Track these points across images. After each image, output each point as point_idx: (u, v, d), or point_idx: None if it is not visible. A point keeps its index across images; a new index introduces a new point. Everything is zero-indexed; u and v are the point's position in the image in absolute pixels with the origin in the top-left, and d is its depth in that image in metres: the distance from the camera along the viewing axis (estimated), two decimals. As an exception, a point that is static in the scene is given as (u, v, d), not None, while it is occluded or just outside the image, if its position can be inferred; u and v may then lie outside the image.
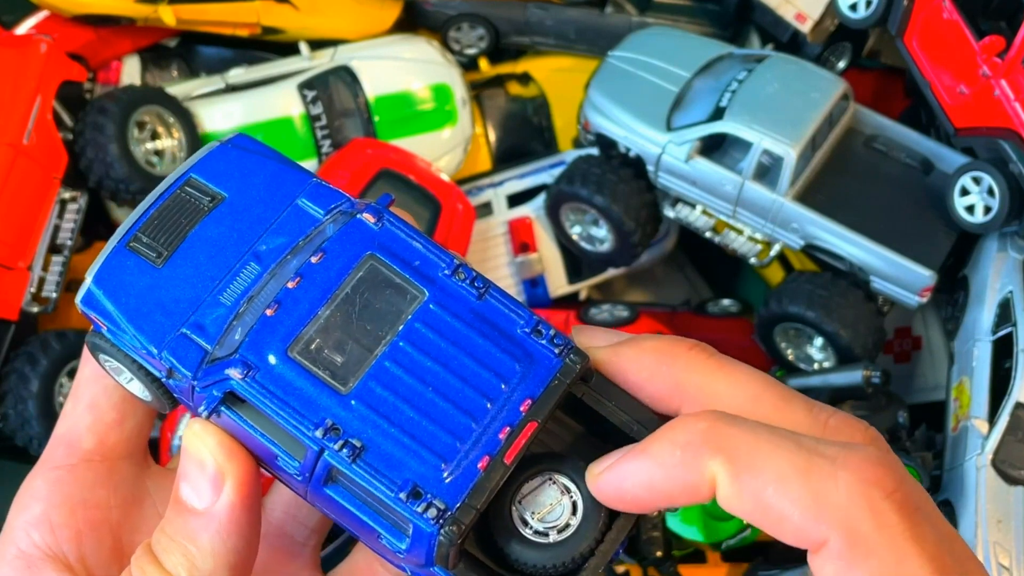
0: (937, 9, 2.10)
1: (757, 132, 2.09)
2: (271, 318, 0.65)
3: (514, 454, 0.63)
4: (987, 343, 2.02)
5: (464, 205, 2.36)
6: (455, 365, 0.65)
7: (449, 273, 0.68)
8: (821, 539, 0.58)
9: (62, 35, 2.33)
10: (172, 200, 0.71)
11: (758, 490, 0.59)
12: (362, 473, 0.62)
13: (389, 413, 0.63)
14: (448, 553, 0.61)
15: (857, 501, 0.58)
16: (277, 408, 0.63)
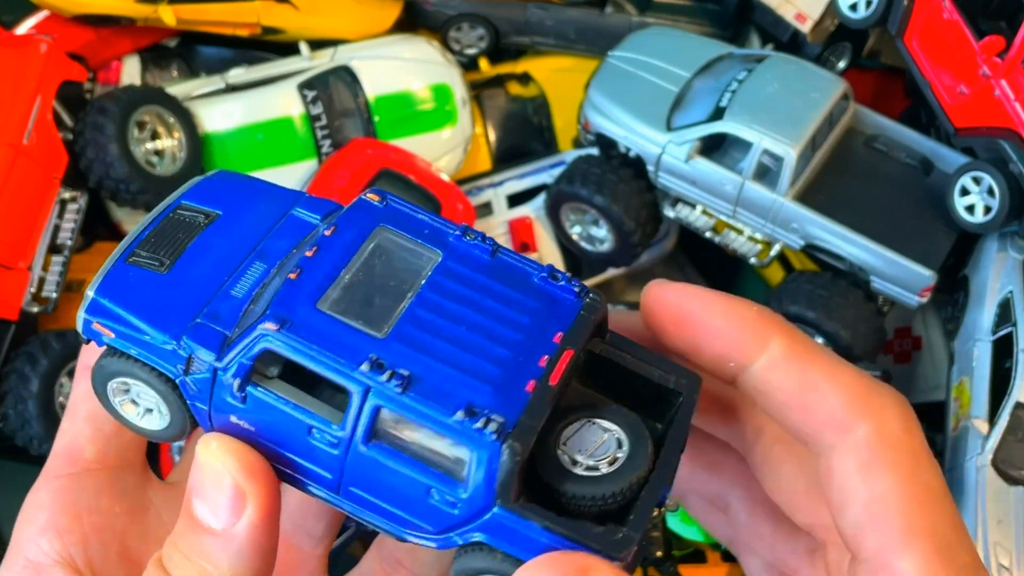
0: (937, 9, 2.10)
1: (757, 132, 2.09)
2: (295, 281, 0.65)
3: (558, 376, 0.63)
4: (987, 343, 2.02)
5: (464, 205, 2.36)
6: (482, 308, 0.65)
7: (459, 234, 0.69)
8: (850, 427, 0.62)
9: (62, 35, 2.32)
10: (166, 222, 0.72)
11: (807, 368, 0.64)
12: (413, 403, 0.60)
13: (429, 349, 0.62)
14: (513, 473, 0.60)
15: (892, 411, 0.63)
16: (317, 352, 0.61)
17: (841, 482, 0.63)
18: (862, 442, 0.63)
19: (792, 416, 0.66)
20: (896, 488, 0.61)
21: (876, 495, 0.61)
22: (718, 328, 0.67)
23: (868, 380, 0.65)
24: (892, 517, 0.61)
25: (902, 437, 0.63)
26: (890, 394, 0.65)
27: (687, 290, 0.69)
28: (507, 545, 0.62)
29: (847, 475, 0.63)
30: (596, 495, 0.62)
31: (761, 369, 0.66)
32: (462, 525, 0.63)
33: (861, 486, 0.62)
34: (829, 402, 0.64)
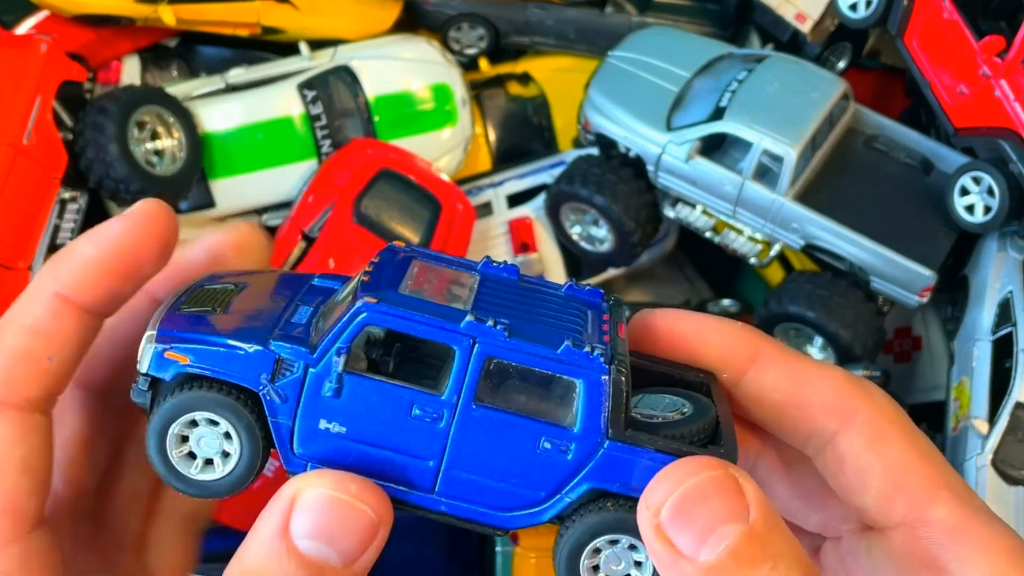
0: (937, 9, 2.10)
1: (757, 132, 2.09)
2: (368, 281, 0.68)
3: (623, 332, 0.68)
4: (987, 343, 2.02)
5: (464, 205, 2.36)
6: (534, 300, 0.70)
7: (487, 261, 0.73)
8: (850, 411, 0.67)
9: (62, 35, 2.33)
10: (196, 292, 0.74)
11: (797, 368, 0.69)
12: (521, 343, 0.63)
13: (514, 313, 0.66)
14: (624, 396, 0.63)
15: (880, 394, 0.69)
16: (419, 316, 0.63)
17: (854, 462, 0.67)
18: (865, 422, 0.68)
19: (790, 414, 0.69)
20: (906, 454, 0.67)
21: (892, 463, 0.67)
22: (711, 344, 0.71)
23: (850, 374, 0.71)
24: (912, 477, 0.66)
25: (894, 414, 0.69)
26: (871, 383, 0.71)
27: (674, 313, 0.73)
28: (621, 484, 0.64)
29: (858, 454, 0.67)
30: (682, 431, 0.66)
31: (756, 375, 0.70)
32: (575, 474, 0.65)
33: (875, 459, 0.67)
34: (825, 393, 0.69)
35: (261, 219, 2.43)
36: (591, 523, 0.65)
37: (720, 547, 0.56)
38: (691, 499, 0.58)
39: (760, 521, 0.57)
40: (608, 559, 0.66)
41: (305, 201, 2.30)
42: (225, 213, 2.40)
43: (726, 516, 0.57)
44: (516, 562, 2.10)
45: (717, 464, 0.60)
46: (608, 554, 0.66)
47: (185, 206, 2.36)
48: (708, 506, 0.57)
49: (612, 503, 0.65)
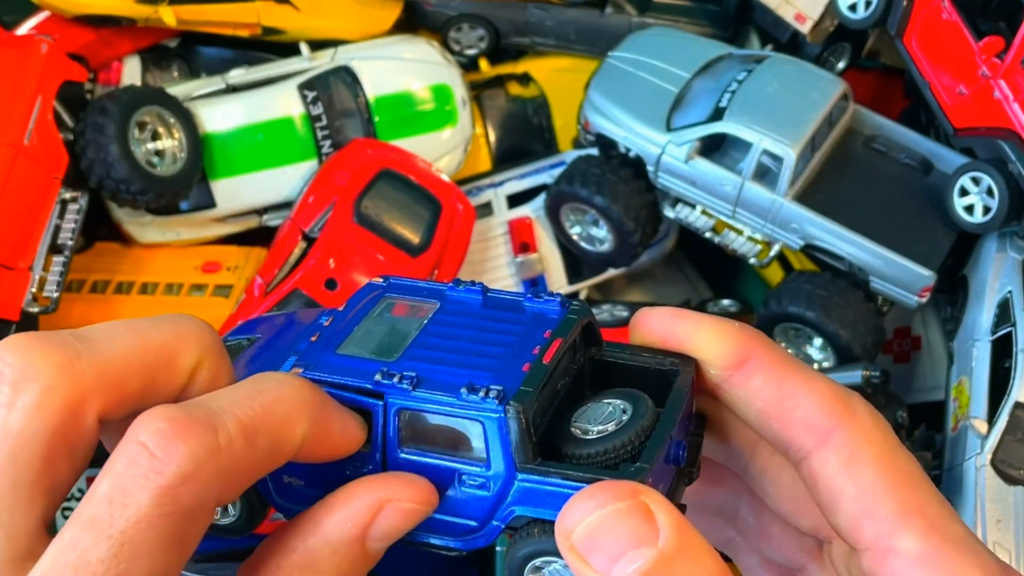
0: (936, 9, 2.10)
1: (757, 132, 2.10)
2: (315, 342, 0.72)
3: (550, 356, 0.69)
4: (986, 343, 2.03)
5: (464, 205, 2.37)
6: (478, 328, 0.72)
7: (452, 286, 0.76)
8: (827, 430, 0.67)
9: (63, 35, 2.33)
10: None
11: (784, 378, 0.69)
12: (423, 395, 0.67)
13: (432, 360, 0.70)
14: (521, 432, 0.66)
15: (863, 412, 0.68)
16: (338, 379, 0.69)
17: (827, 483, 0.66)
18: (841, 442, 0.66)
19: (770, 424, 0.69)
20: (880, 477, 0.65)
21: (863, 487, 0.65)
22: (701, 343, 0.71)
23: (839, 387, 0.69)
24: (882, 503, 0.64)
25: (874, 433, 0.67)
26: (859, 398, 0.69)
27: (671, 312, 0.74)
28: (542, 510, 0.67)
29: (831, 475, 0.66)
30: (607, 448, 0.67)
31: (742, 379, 0.70)
32: (498, 505, 0.68)
33: (847, 482, 0.65)
34: (804, 409, 0.68)
35: (261, 219, 2.44)
36: (523, 547, 0.69)
37: (630, 568, 0.58)
38: (600, 528, 0.59)
39: (670, 545, 0.58)
40: (552, 573, 0.69)
41: (305, 201, 2.30)
42: (225, 213, 2.40)
43: (635, 542, 0.58)
44: (516, 562, 2.10)
45: (628, 493, 0.60)
46: (550, 570, 0.69)
47: (185, 206, 2.37)
48: (616, 534, 0.58)
49: (539, 529, 0.68)
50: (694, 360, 0.72)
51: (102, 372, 0.58)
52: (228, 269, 2.36)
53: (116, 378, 0.59)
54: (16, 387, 0.56)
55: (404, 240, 2.26)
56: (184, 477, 0.54)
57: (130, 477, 0.54)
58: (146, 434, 0.54)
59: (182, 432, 0.55)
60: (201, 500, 0.56)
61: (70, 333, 0.59)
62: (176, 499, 0.54)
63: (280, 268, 2.24)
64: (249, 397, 0.60)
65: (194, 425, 0.55)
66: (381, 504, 0.66)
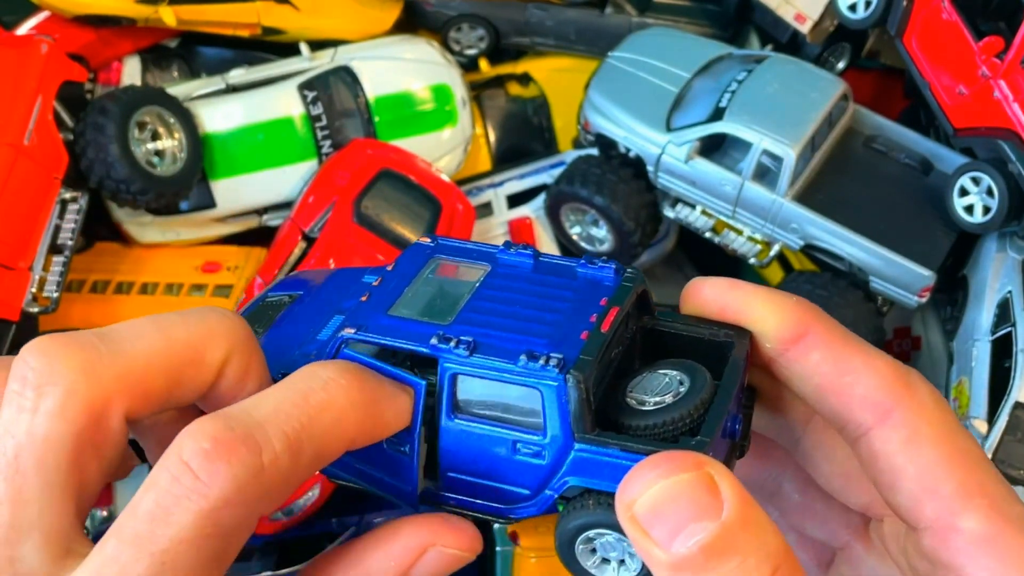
0: (936, 10, 2.10)
1: (757, 132, 2.10)
2: (365, 302, 0.71)
3: (608, 325, 0.68)
4: (986, 343, 2.03)
5: (464, 205, 2.37)
6: (531, 294, 0.72)
7: (504, 248, 0.75)
8: (888, 407, 0.66)
9: (63, 35, 2.33)
10: (257, 309, 0.81)
11: (844, 353, 0.68)
12: (480, 360, 0.66)
13: (488, 325, 0.68)
14: (581, 402, 0.65)
15: (924, 390, 0.68)
16: (392, 340, 0.68)
17: (887, 461, 0.66)
18: (901, 421, 0.66)
19: (828, 399, 0.68)
20: (942, 456, 0.65)
21: (924, 466, 0.65)
22: (758, 316, 0.70)
23: (899, 364, 0.69)
24: (944, 483, 0.64)
25: (935, 412, 0.67)
26: (918, 376, 0.69)
27: (726, 282, 0.72)
28: (599, 481, 0.66)
29: (892, 453, 0.66)
30: (666, 420, 0.67)
31: (799, 354, 0.69)
32: (552, 474, 0.67)
33: (908, 460, 0.65)
34: (865, 385, 0.67)
35: (261, 219, 2.44)
36: (576, 518, 0.68)
37: (691, 541, 0.57)
38: (663, 499, 0.58)
39: (733, 518, 0.57)
40: (603, 545, 0.69)
41: (305, 201, 2.30)
42: (225, 213, 2.40)
43: (698, 514, 0.58)
44: (516, 562, 2.10)
45: (692, 464, 0.59)
46: (601, 542, 0.68)
47: (185, 206, 2.37)
48: (680, 505, 0.58)
49: (593, 500, 0.67)
50: (749, 333, 0.71)
51: (125, 373, 0.58)
52: (228, 269, 2.36)
53: (140, 378, 0.58)
54: (39, 391, 0.55)
55: (404, 240, 2.26)
56: (227, 500, 0.54)
57: (173, 496, 0.53)
58: (190, 453, 0.54)
59: (225, 453, 0.54)
60: (243, 520, 0.56)
61: (94, 333, 0.58)
62: (219, 521, 0.54)
63: (280, 268, 2.24)
64: (295, 406, 0.59)
65: (238, 446, 0.55)
66: (425, 548, 0.66)
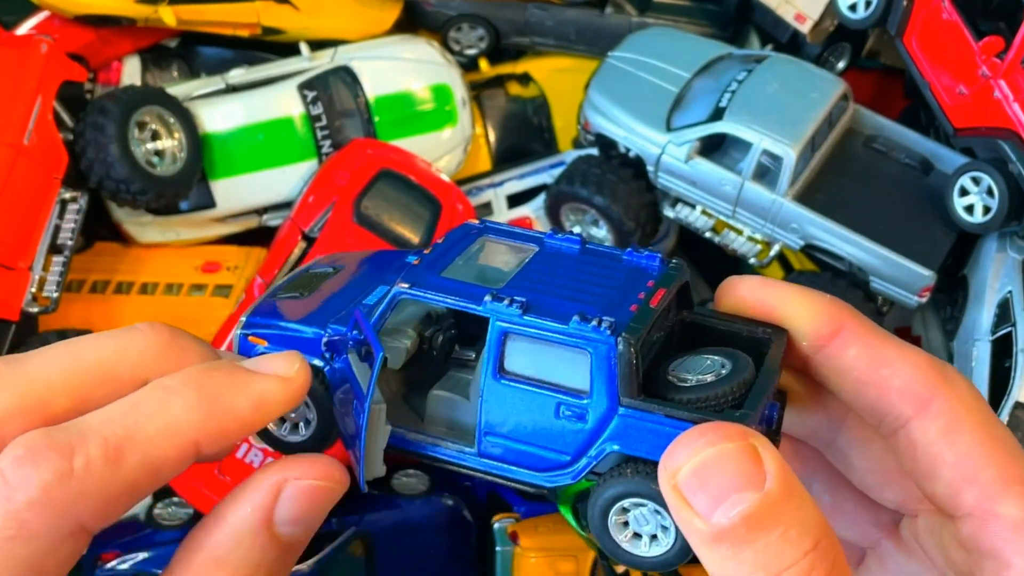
0: (936, 9, 2.10)
1: (757, 132, 2.10)
2: (416, 265, 0.73)
3: (657, 301, 0.70)
4: (986, 343, 2.03)
5: (464, 205, 2.37)
6: (580, 271, 0.74)
7: (551, 233, 0.77)
8: (926, 398, 0.67)
9: (63, 35, 2.33)
10: (299, 277, 0.84)
11: (880, 347, 0.69)
12: (533, 319, 0.67)
13: (542, 290, 0.70)
14: (631, 364, 0.66)
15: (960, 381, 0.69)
16: (445, 296, 0.70)
17: (926, 450, 0.67)
18: (940, 410, 0.67)
19: (867, 393, 0.69)
20: (980, 445, 0.66)
21: (963, 454, 0.66)
22: (792, 313, 0.71)
23: (934, 358, 0.70)
24: (983, 471, 0.66)
25: (972, 402, 0.68)
26: (953, 368, 0.70)
27: (761, 280, 0.74)
28: (640, 448, 0.67)
29: (931, 443, 0.67)
30: (708, 395, 0.68)
31: (836, 349, 0.70)
32: (593, 440, 0.68)
33: (947, 449, 0.67)
34: (903, 377, 0.68)
35: (261, 219, 2.44)
36: (613, 487, 0.68)
37: (733, 512, 0.58)
38: (708, 467, 0.59)
39: (776, 489, 0.58)
40: (637, 518, 0.69)
41: (305, 201, 2.30)
42: (225, 213, 2.40)
43: (742, 484, 0.58)
44: (516, 562, 2.10)
45: (738, 434, 0.60)
46: (636, 514, 0.69)
47: (185, 206, 2.36)
48: (724, 474, 0.59)
49: (632, 469, 0.67)
50: (785, 332, 0.72)
51: (25, 392, 0.60)
52: (228, 269, 2.36)
53: (38, 399, 0.60)
54: None
55: (404, 240, 2.26)
56: (31, 503, 0.55)
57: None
58: (6, 460, 0.56)
59: (34, 459, 0.56)
60: (54, 525, 0.56)
61: (3, 359, 0.62)
62: (23, 524, 0.55)
63: (280, 268, 2.24)
64: (122, 414, 0.60)
65: (48, 452, 0.56)
66: (279, 485, 0.65)
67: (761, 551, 0.58)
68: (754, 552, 0.58)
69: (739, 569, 0.58)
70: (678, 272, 0.74)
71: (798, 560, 0.58)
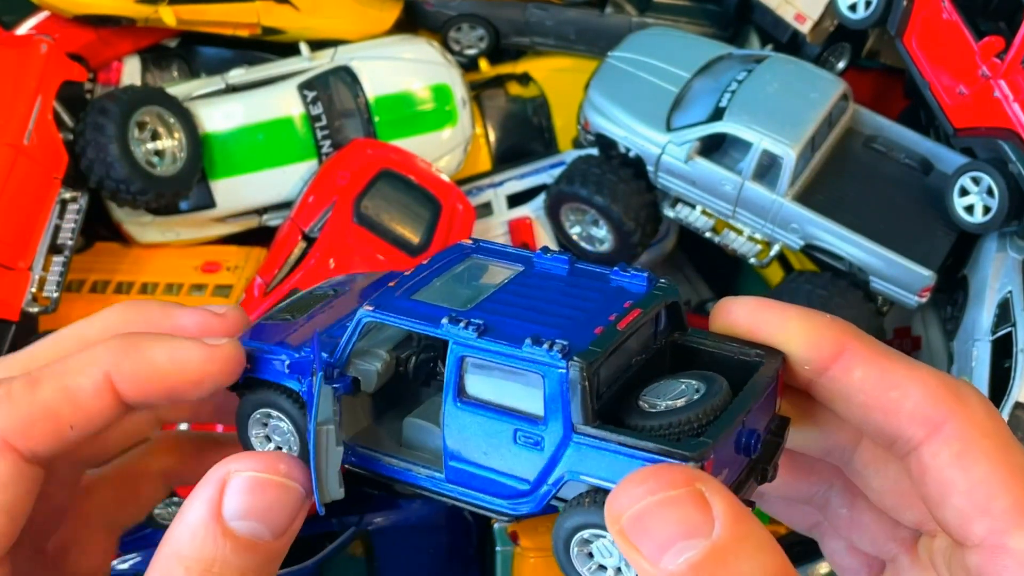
0: (936, 10, 2.10)
1: (757, 132, 2.09)
2: (392, 287, 0.73)
3: (625, 324, 0.68)
4: (986, 343, 2.03)
5: (464, 205, 2.37)
6: (556, 292, 0.72)
7: (540, 253, 0.77)
8: (938, 421, 0.64)
9: (63, 35, 2.33)
10: (298, 299, 0.85)
11: (886, 368, 0.66)
12: (487, 344, 0.66)
13: (503, 312, 0.69)
14: (582, 390, 0.64)
15: (975, 402, 0.65)
16: (405, 320, 0.70)
17: (937, 475, 0.64)
18: (953, 434, 0.64)
19: (874, 416, 0.66)
20: (994, 473, 0.63)
21: (976, 482, 0.63)
22: (792, 336, 0.69)
23: (947, 376, 0.67)
24: (996, 500, 0.62)
25: (988, 426, 0.65)
26: (969, 387, 0.66)
27: (757, 302, 0.72)
28: (595, 476, 0.65)
29: (942, 467, 0.64)
30: (672, 421, 0.65)
31: (841, 372, 0.67)
32: (552, 467, 0.67)
33: (959, 475, 0.63)
34: (913, 399, 0.65)
35: (261, 219, 2.44)
36: (571, 517, 0.67)
37: (680, 559, 0.56)
38: (650, 514, 0.58)
39: (725, 536, 0.56)
40: (600, 549, 0.67)
41: (305, 201, 2.30)
42: (225, 213, 2.40)
43: (687, 532, 0.57)
44: (516, 562, 2.10)
45: (682, 479, 0.58)
46: (598, 545, 0.67)
47: (185, 206, 2.36)
48: (667, 522, 0.57)
49: (589, 498, 0.66)
50: (782, 354, 0.70)
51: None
52: (228, 269, 2.36)
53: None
54: None
55: (404, 240, 2.26)
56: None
57: None
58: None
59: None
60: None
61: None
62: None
63: (280, 268, 2.24)
64: (42, 347, 0.74)
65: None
66: (223, 479, 0.66)
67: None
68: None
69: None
70: (665, 292, 0.72)
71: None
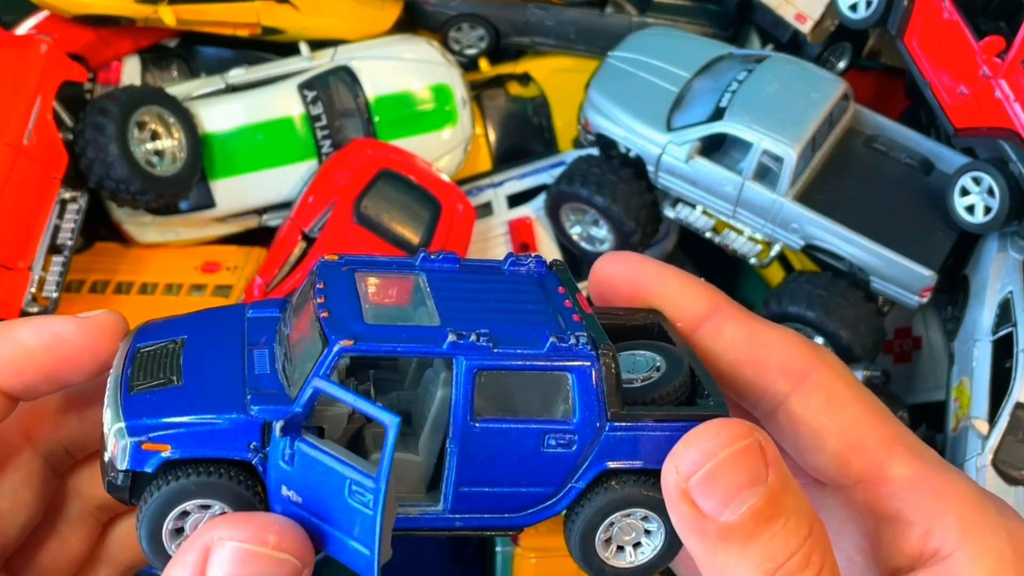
0: (937, 9, 2.10)
1: (757, 132, 2.09)
2: (330, 317, 0.65)
3: (587, 305, 0.69)
4: (987, 343, 2.02)
5: (464, 205, 2.37)
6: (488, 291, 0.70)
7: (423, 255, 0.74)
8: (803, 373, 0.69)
9: (62, 35, 2.33)
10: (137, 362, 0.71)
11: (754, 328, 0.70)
12: (508, 351, 0.62)
13: (482, 320, 0.65)
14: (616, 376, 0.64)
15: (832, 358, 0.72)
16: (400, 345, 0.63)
17: (809, 423, 0.69)
18: (818, 384, 0.70)
19: (744, 371, 0.71)
20: (861, 415, 0.69)
21: (846, 424, 0.69)
22: (669, 293, 0.73)
23: (805, 338, 0.73)
24: (868, 437, 0.68)
25: (847, 376, 0.71)
26: (824, 346, 0.75)
27: (635, 259, 0.76)
28: (627, 460, 0.65)
29: (813, 415, 0.69)
30: (669, 388, 0.67)
31: (712, 330, 0.72)
32: (581, 462, 0.66)
33: (829, 421, 0.69)
34: (778, 354, 0.71)
35: (261, 219, 2.43)
36: (600, 504, 0.67)
37: (742, 509, 0.59)
38: (722, 468, 0.60)
39: (776, 482, 0.60)
40: (620, 531, 0.68)
41: (305, 201, 2.30)
42: (225, 213, 2.40)
43: (750, 481, 0.60)
44: (516, 562, 2.10)
45: (745, 431, 0.61)
46: (620, 526, 0.68)
47: (185, 206, 2.36)
48: (736, 474, 0.60)
49: (616, 481, 0.66)
50: (660, 314, 0.74)
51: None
52: (228, 269, 2.36)
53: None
54: None
55: (404, 240, 2.26)
56: None
57: None
58: None
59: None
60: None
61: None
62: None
63: (280, 268, 2.24)
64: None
65: None
66: (207, 547, 0.62)
67: (767, 543, 0.59)
68: (761, 545, 0.59)
69: (746, 564, 0.59)
70: (565, 270, 0.73)
71: (800, 546, 0.59)
